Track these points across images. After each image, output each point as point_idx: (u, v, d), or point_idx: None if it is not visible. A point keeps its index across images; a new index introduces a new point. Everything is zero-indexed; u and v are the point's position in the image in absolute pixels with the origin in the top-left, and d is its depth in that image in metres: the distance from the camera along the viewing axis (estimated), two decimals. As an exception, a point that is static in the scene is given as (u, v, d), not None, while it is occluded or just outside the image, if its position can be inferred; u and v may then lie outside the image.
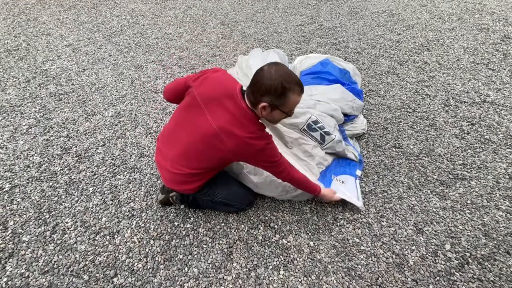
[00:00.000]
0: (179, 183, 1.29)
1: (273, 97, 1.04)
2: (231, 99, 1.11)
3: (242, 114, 1.10)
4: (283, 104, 1.07)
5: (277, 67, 1.05)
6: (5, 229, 1.44)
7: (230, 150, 1.11)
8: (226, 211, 1.52)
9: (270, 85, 1.02)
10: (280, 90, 1.02)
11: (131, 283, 1.25)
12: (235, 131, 1.08)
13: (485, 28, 3.30)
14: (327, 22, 3.63)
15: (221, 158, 1.18)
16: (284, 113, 1.11)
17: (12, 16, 3.64)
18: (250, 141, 1.09)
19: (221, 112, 1.11)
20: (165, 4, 4.16)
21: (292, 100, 1.07)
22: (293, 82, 1.04)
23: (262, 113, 1.10)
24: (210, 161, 1.21)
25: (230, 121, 1.09)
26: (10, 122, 2.08)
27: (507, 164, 1.77)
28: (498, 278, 1.26)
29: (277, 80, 1.01)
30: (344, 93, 1.76)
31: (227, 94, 1.12)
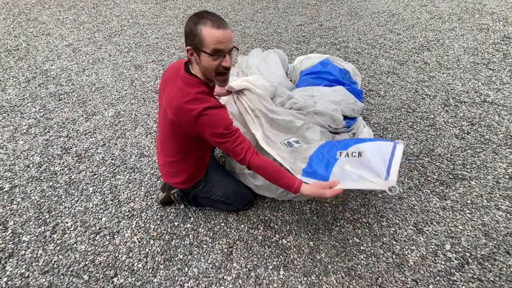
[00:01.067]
0: (167, 175, 1.35)
1: (191, 38, 1.00)
2: (177, 74, 1.11)
3: (182, 81, 1.08)
4: (201, 41, 0.98)
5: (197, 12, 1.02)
6: (5, 229, 1.44)
7: (174, 121, 1.08)
8: (226, 209, 1.52)
9: (186, 26, 1.02)
10: (192, 27, 0.99)
11: (131, 283, 1.25)
12: (174, 100, 1.06)
13: (485, 28, 3.30)
14: (327, 22, 3.63)
15: (176, 134, 1.16)
16: (209, 54, 0.99)
17: (12, 16, 3.64)
18: (186, 106, 1.03)
19: (169, 90, 1.12)
20: (165, 4, 4.16)
21: (207, 35, 0.96)
22: (204, 16, 0.98)
23: (198, 67, 1.07)
24: (174, 142, 1.21)
25: (174, 93, 1.08)
26: (10, 122, 2.08)
27: (507, 164, 1.77)
28: (498, 278, 1.26)
29: (190, 19, 1.00)
30: (345, 95, 1.76)
31: (176, 71, 1.13)
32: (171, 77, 1.14)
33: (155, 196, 1.61)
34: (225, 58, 1.02)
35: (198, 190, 1.41)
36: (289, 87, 1.98)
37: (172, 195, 1.50)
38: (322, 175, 1.14)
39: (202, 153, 1.33)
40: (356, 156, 1.08)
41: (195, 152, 1.28)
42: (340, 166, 1.09)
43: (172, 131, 1.16)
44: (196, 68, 1.08)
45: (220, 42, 0.98)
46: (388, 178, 1.01)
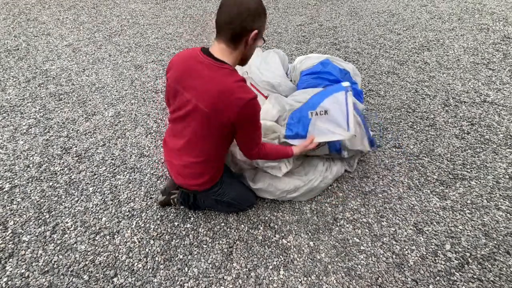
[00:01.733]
0: (189, 177, 1.23)
1: (260, 21, 0.95)
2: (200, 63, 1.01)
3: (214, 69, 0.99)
4: (264, 27, 1.00)
5: None
6: (5, 229, 1.44)
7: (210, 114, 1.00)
8: (227, 211, 1.52)
9: (256, 8, 0.94)
10: (261, 10, 0.95)
11: (131, 283, 1.25)
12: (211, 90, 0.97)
13: (485, 28, 3.30)
14: (327, 22, 3.63)
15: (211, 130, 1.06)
16: (262, 40, 1.03)
17: (12, 16, 3.64)
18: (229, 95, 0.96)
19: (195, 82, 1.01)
20: (165, 4, 4.16)
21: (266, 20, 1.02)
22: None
23: (246, 49, 1.00)
24: (207, 140, 1.11)
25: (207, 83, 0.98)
26: (10, 122, 2.08)
27: (507, 164, 1.77)
28: (498, 278, 1.26)
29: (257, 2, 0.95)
30: None
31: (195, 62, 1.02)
32: (191, 69, 1.02)
33: (155, 196, 1.61)
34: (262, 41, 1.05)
35: (213, 192, 1.34)
36: (289, 87, 1.98)
37: (172, 200, 1.49)
38: (301, 135, 1.38)
39: (227, 152, 1.29)
40: (324, 114, 1.34)
41: (224, 150, 1.23)
42: (313, 124, 1.35)
43: (206, 127, 1.06)
44: (234, 55, 1.00)
45: None
46: (349, 129, 1.30)
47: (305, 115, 1.37)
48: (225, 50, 0.99)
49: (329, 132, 1.31)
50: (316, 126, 1.34)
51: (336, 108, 1.33)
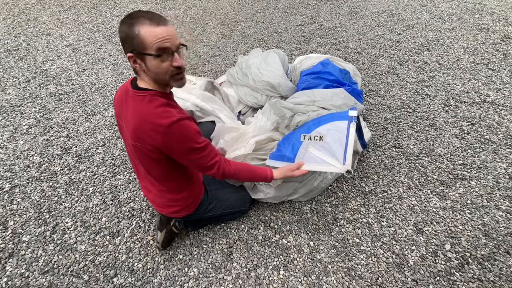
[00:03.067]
0: (165, 206, 1.20)
1: (128, 42, 0.85)
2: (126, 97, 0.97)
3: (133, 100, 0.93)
4: (141, 43, 0.83)
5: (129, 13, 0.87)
6: (5, 229, 1.44)
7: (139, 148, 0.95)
8: (232, 219, 1.49)
9: (120, 32, 0.86)
10: (126, 29, 0.84)
11: (131, 283, 1.25)
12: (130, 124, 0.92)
13: (485, 28, 3.30)
14: (327, 22, 3.63)
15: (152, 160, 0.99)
16: (155, 56, 0.85)
17: (12, 16, 3.63)
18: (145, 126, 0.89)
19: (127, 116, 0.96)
20: (165, 4, 4.16)
21: (146, 34, 0.82)
22: (137, 16, 0.84)
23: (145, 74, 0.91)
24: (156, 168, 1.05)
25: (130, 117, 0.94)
26: (10, 122, 2.08)
27: (507, 164, 1.77)
28: (498, 278, 1.26)
29: (122, 22, 0.86)
30: (346, 98, 1.76)
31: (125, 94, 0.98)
32: (122, 103, 0.99)
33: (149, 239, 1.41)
34: (174, 57, 0.88)
35: (202, 211, 1.28)
36: (289, 87, 1.98)
37: (173, 227, 1.33)
38: (288, 157, 1.27)
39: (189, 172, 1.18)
40: (318, 140, 1.23)
41: (181, 173, 1.13)
42: (304, 148, 1.23)
43: (142, 158, 1.01)
44: (145, 79, 0.93)
45: (164, 39, 0.84)
46: (345, 162, 1.16)
47: (297, 137, 1.27)
48: (138, 78, 0.96)
49: (322, 161, 1.19)
50: (308, 152, 1.22)
51: (334, 136, 1.21)
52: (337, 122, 1.23)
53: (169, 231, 1.32)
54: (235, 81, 2.09)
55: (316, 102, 1.68)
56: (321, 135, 1.23)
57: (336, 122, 1.23)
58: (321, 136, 1.23)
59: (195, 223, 1.40)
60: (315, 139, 1.23)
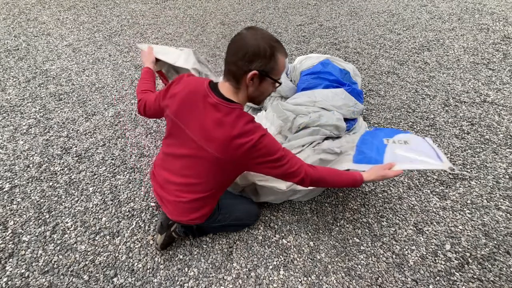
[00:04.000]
0: (185, 212, 1.14)
1: (262, 61, 0.87)
2: (204, 101, 0.96)
3: (220, 110, 0.94)
4: (274, 69, 0.91)
5: (256, 28, 0.91)
6: (5, 229, 1.44)
7: (220, 159, 0.96)
8: (235, 230, 1.45)
9: (257, 47, 0.86)
10: (269, 51, 0.87)
11: (131, 283, 1.25)
12: (217, 135, 0.93)
13: (485, 28, 3.30)
14: (327, 22, 3.63)
15: (219, 170, 1.02)
16: (274, 81, 0.94)
17: (12, 16, 3.63)
18: (237, 141, 0.91)
19: (200, 122, 0.96)
20: (165, 4, 4.16)
21: (281, 63, 0.92)
22: (278, 41, 0.91)
23: (249, 90, 0.94)
24: (212, 177, 1.05)
25: (213, 126, 0.94)
26: (10, 122, 2.08)
27: (507, 164, 1.77)
28: (498, 278, 1.26)
29: (264, 40, 0.87)
30: (346, 99, 1.77)
31: (201, 97, 0.97)
32: (194, 104, 0.97)
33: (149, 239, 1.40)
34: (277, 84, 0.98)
35: (212, 221, 1.25)
36: (289, 87, 1.98)
37: (173, 232, 1.31)
38: (376, 159, 1.17)
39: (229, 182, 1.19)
40: (403, 144, 1.18)
41: (229, 183, 1.16)
42: (391, 151, 1.15)
43: (215, 169, 1.01)
44: (241, 93, 0.94)
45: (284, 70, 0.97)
46: (442, 160, 1.08)
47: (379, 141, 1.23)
48: (230, 88, 0.95)
49: (418, 161, 1.10)
50: (396, 153, 1.15)
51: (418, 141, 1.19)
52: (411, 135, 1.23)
53: (169, 236, 1.32)
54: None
55: (317, 103, 1.68)
56: (405, 139, 1.20)
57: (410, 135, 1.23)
58: (405, 140, 1.19)
59: (196, 231, 1.37)
60: (400, 143, 1.19)
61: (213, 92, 0.95)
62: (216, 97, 0.94)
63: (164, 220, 1.29)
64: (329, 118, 1.63)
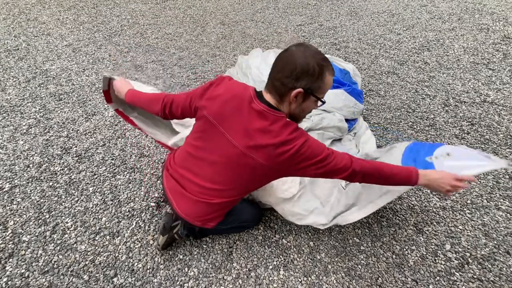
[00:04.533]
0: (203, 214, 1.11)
1: (309, 80, 0.86)
2: (248, 107, 0.94)
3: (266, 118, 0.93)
4: (320, 88, 0.90)
5: (306, 45, 0.89)
6: (5, 229, 1.44)
7: (265, 166, 0.95)
8: (237, 232, 1.44)
9: (306, 65, 0.85)
10: (318, 70, 0.86)
11: (131, 283, 1.25)
12: (261, 142, 0.92)
13: (485, 28, 3.30)
14: (327, 22, 3.63)
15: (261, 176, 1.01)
16: (318, 99, 0.92)
17: (12, 16, 3.63)
18: (282, 148, 0.91)
19: (243, 127, 0.94)
20: (165, 4, 4.16)
21: (328, 82, 0.91)
22: (327, 59, 0.89)
23: (291, 106, 0.93)
24: (250, 182, 1.05)
25: (258, 133, 0.92)
26: (10, 122, 2.08)
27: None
28: (498, 278, 1.26)
29: (314, 58, 0.86)
30: (346, 100, 1.77)
31: (247, 103, 0.95)
32: (238, 109, 0.95)
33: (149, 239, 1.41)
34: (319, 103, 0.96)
35: (222, 223, 1.21)
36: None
37: (175, 234, 1.31)
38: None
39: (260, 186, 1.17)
40: (446, 156, 1.08)
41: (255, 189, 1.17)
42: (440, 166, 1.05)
43: (252, 174, 0.99)
44: (285, 106, 0.94)
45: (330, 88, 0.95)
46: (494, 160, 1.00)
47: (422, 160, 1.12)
48: (273, 100, 0.94)
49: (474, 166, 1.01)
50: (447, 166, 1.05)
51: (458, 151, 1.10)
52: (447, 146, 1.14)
53: (171, 237, 1.31)
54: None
55: None
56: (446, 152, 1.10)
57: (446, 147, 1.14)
58: (447, 153, 1.10)
59: (199, 233, 1.35)
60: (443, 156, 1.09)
61: (259, 100, 0.94)
62: (262, 104, 0.93)
63: (167, 222, 1.29)
64: (331, 120, 1.63)
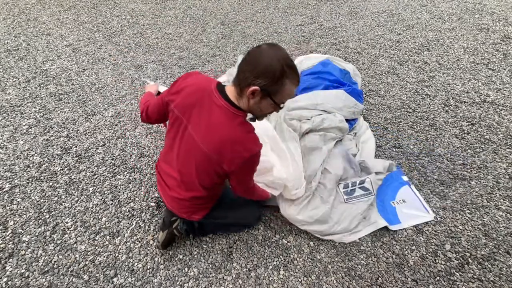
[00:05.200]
0: (184, 208, 1.19)
1: (268, 81, 0.85)
2: (209, 100, 0.96)
3: (224, 113, 0.94)
4: (277, 92, 0.89)
5: (278, 48, 0.88)
6: (5, 229, 1.44)
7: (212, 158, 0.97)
8: (236, 231, 1.45)
9: (269, 65, 0.84)
10: (278, 73, 0.85)
11: (131, 283, 1.25)
12: (216, 136, 0.94)
13: (485, 28, 3.30)
14: (327, 22, 3.63)
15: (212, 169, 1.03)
16: (274, 104, 0.91)
17: (12, 16, 3.63)
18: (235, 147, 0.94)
19: (202, 119, 0.97)
20: (165, 4, 4.16)
21: (287, 90, 0.89)
22: (294, 68, 0.89)
23: (249, 102, 0.92)
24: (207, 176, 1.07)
25: (214, 127, 0.95)
26: (10, 122, 2.08)
27: (507, 164, 1.77)
28: (498, 278, 1.26)
29: (279, 62, 0.85)
30: (346, 100, 1.77)
31: (208, 96, 0.97)
32: (200, 101, 0.97)
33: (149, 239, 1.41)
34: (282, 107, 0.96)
35: (212, 217, 1.27)
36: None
37: (175, 229, 1.31)
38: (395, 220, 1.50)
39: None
40: (403, 202, 1.57)
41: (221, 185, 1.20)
42: (400, 212, 1.53)
43: (205, 167, 1.03)
44: (243, 102, 0.94)
45: (291, 98, 0.96)
46: (429, 211, 1.53)
47: (387, 204, 1.56)
48: (234, 93, 0.95)
49: (416, 216, 1.51)
50: (403, 213, 1.52)
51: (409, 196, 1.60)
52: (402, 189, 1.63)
53: (171, 233, 1.31)
54: (235, 81, 2.09)
55: (319, 105, 1.68)
56: (402, 198, 1.58)
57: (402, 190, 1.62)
58: (403, 199, 1.58)
59: (198, 231, 1.36)
60: (401, 202, 1.57)
61: (220, 94, 0.95)
62: (223, 100, 0.94)
63: (167, 217, 1.30)
64: (332, 121, 1.64)
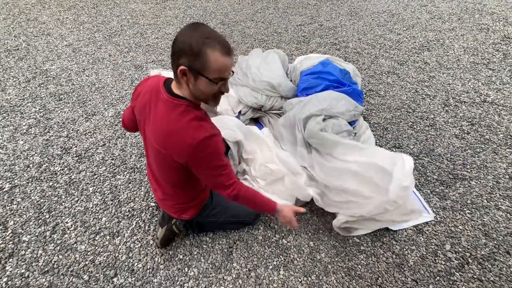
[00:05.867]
0: (172, 209, 1.23)
1: (188, 58, 0.81)
2: (156, 97, 0.94)
3: (166, 105, 0.91)
4: (205, 67, 0.82)
5: (197, 24, 0.84)
6: (5, 229, 1.44)
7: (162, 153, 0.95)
8: (235, 229, 1.45)
9: (183, 43, 0.81)
10: (195, 46, 0.79)
11: (131, 283, 1.25)
12: (160, 129, 0.92)
13: (485, 28, 3.30)
14: (327, 22, 3.63)
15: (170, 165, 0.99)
16: (210, 81, 0.84)
17: (12, 16, 3.63)
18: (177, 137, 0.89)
19: (152, 117, 0.96)
20: (165, 4, 4.15)
21: (214, 60, 0.81)
22: (213, 38, 0.82)
23: (189, 87, 0.88)
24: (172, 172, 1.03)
25: (158, 121, 0.93)
26: (10, 122, 2.08)
27: (507, 164, 1.77)
28: (498, 278, 1.26)
29: (194, 38, 0.80)
30: (346, 104, 1.77)
31: (155, 93, 0.95)
32: (150, 101, 0.96)
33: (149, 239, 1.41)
34: (226, 85, 0.90)
35: (205, 215, 1.28)
36: (289, 87, 1.98)
37: (173, 226, 1.32)
38: None
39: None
40: None
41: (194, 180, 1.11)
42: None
43: (162, 163, 1.02)
44: (184, 89, 0.90)
45: (227, 70, 0.86)
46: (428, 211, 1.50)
47: None
48: (175, 83, 0.93)
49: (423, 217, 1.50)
50: None
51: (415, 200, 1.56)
52: None
53: (170, 229, 1.32)
54: (235, 81, 2.09)
55: (324, 110, 1.67)
56: None
57: None
58: None
59: (196, 227, 1.36)
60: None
61: (165, 89, 0.93)
62: (166, 93, 0.92)
63: (165, 212, 1.31)
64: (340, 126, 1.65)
